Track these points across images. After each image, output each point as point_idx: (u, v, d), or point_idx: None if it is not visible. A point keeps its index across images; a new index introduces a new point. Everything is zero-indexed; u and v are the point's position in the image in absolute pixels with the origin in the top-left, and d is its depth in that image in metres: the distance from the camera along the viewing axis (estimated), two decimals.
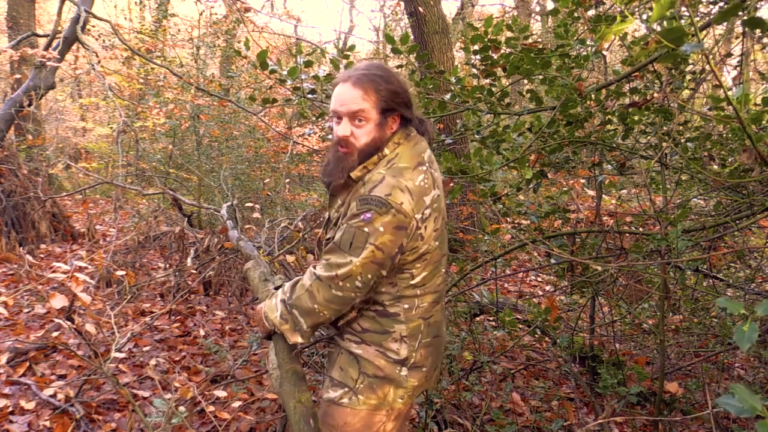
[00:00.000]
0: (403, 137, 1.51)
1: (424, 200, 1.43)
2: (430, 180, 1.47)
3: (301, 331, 1.54)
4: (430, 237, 1.46)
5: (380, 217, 1.37)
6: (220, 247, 4.49)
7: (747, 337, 0.99)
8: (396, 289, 1.50)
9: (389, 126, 1.50)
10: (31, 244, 5.51)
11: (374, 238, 1.38)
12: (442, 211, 1.53)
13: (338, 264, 1.42)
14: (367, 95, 1.45)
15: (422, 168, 1.47)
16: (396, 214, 1.37)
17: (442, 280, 1.59)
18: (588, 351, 3.15)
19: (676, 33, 1.15)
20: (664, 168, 2.49)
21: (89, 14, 5.89)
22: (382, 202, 1.37)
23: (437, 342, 1.60)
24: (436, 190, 1.49)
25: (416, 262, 1.48)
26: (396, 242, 1.39)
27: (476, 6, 13.35)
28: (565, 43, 2.32)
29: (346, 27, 22.86)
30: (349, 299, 1.45)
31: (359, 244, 1.39)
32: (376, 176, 1.43)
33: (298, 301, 1.51)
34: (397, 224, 1.38)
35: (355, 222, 1.40)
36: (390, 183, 1.40)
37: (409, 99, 1.51)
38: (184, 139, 7.54)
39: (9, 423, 2.58)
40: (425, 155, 1.52)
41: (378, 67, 1.51)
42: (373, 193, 1.39)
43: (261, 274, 2.09)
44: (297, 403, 1.48)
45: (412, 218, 1.39)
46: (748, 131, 1.38)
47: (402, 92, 1.49)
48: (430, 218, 1.45)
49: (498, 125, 2.72)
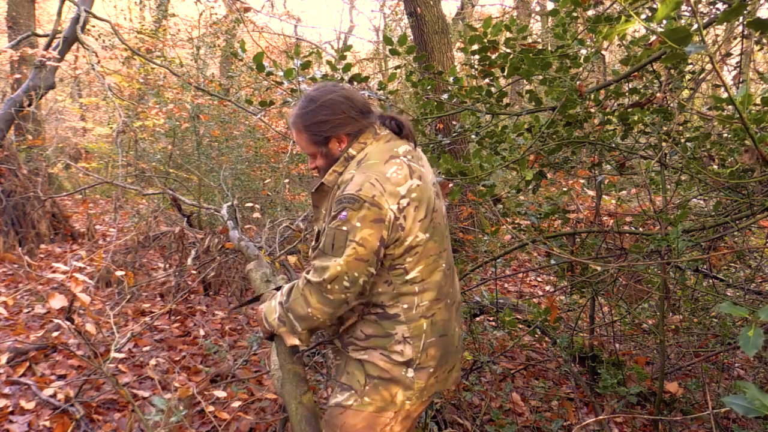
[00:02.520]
0: (370, 137, 1.54)
1: (398, 191, 1.44)
2: (405, 170, 1.48)
3: (298, 335, 1.55)
4: (413, 227, 1.46)
5: (355, 213, 1.39)
6: (220, 247, 4.49)
7: (753, 342, 0.98)
8: (392, 287, 1.50)
9: (335, 147, 1.56)
10: (31, 244, 5.51)
11: (353, 234, 1.40)
12: (428, 202, 1.51)
13: (324, 267, 1.44)
14: (299, 135, 1.57)
15: (395, 161, 1.48)
16: (370, 207, 1.39)
17: (443, 276, 1.56)
18: (588, 351, 3.15)
19: (680, 33, 1.15)
20: (663, 168, 2.49)
21: (89, 14, 5.89)
22: (354, 198, 1.40)
23: (445, 341, 1.57)
24: (415, 180, 1.48)
25: (406, 255, 1.48)
26: (376, 235, 1.41)
27: (476, 6, 13.35)
28: (565, 44, 2.32)
29: (346, 27, 22.85)
30: (341, 301, 1.46)
31: (340, 244, 1.41)
32: (347, 176, 1.48)
33: (293, 306, 1.52)
34: (373, 217, 1.40)
35: (333, 223, 1.43)
36: (359, 179, 1.43)
37: (349, 116, 1.53)
38: (184, 139, 7.53)
39: (9, 423, 2.58)
40: (400, 150, 1.53)
41: (305, 102, 1.56)
42: (345, 192, 1.42)
43: (263, 275, 2.09)
44: (298, 403, 1.48)
45: (387, 209, 1.41)
46: (751, 132, 1.38)
47: (331, 118, 1.52)
48: (409, 207, 1.45)
49: (496, 126, 2.72)
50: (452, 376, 1.64)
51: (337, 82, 1.60)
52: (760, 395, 0.93)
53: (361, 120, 1.54)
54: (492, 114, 2.61)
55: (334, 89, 1.56)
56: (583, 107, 2.38)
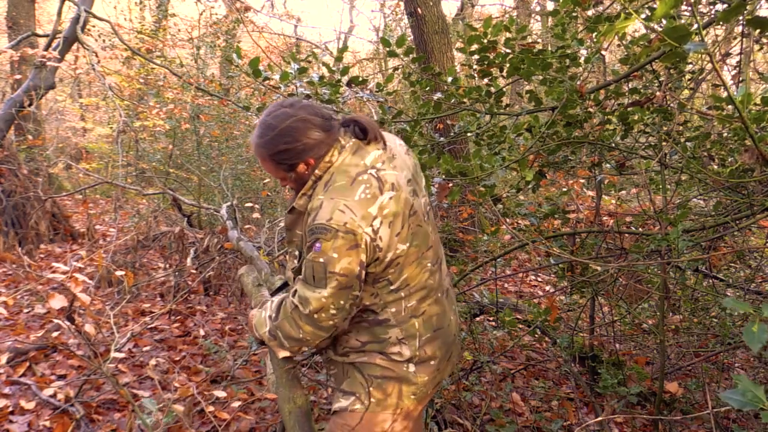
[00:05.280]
0: (336, 153, 1.48)
1: (370, 212, 1.39)
2: (374, 187, 1.42)
3: (288, 349, 1.57)
4: (392, 243, 1.43)
5: (329, 243, 1.36)
6: (219, 247, 4.49)
7: (758, 338, 0.98)
8: (379, 298, 1.50)
9: (303, 170, 1.50)
10: (31, 244, 5.51)
11: (332, 266, 1.37)
12: (404, 210, 1.46)
13: (308, 299, 1.42)
14: (265, 165, 1.53)
15: (362, 178, 1.42)
16: (344, 235, 1.36)
17: (430, 273, 1.55)
18: (588, 351, 3.14)
19: (680, 31, 1.15)
20: (663, 168, 2.49)
21: (89, 14, 5.89)
22: (326, 228, 1.36)
23: (441, 334, 1.57)
24: (386, 194, 1.43)
25: (388, 269, 1.46)
26: (355, 261, 1.38)
27: (476, 6, 13.35)
28: (565, 44, 2.32)
29: (346, 27, 22.85)
30: (330, 327, 1.46)
31: (321, 276, 1.39)
32: (315, 203, 1.42)
33: (282, 327, 1.52)
34: (349, 245, 1.36)
35: (311, 255, 1.40)
36: (328, 207, 1.38)
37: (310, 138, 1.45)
38: (184, 139, 7.54)
39: (9, 423, 2.58)
40: (367, 160, 1.47)
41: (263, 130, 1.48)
42: (316, 222, 1.39)
43: (254, 279, 2.09)
44: (292, 407, 1.48)
45: (361, 234, 1.37)
46: (751, 131, 1.38)
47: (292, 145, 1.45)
48: (383, 227, 1.40)
49: (495, 126, 2.71)
50: (451, 363, 1.65)
51: (295, 100, 1.52)
52: (753, 387, 0.93)
53: (325, 139, 1.47)
54: (491, 114, 2.60)
55: (290, 113, 1.47)
56: (583, 107, 2.38)
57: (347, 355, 1.57)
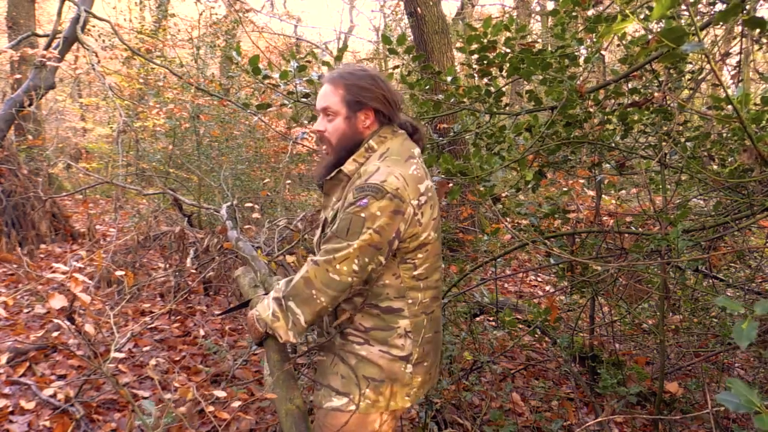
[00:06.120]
0: (389, 132, 1.58)
1: (419, 187, 1.48)
2: (422, 171, 1.53)
3: (296, 326, 1.51)
4: (428, 225, 1.51)
5: (377, 202, 1.41)
6: (219, 247, 4.49)
7: (746, 334, 0.99)
8: (399, 280, 1.52)
9: (360, 120, 1.56)
10: (31, 244, 5.51)
11: (371, 222, 1.41)
12: (436, 203, 1.58)
13: (335, 248, 1.45)
14: (336, 90, 1.55)
15: (413, 160, 1.53)
16: (392, 198, 1.42)
17: (440, 276, 1.64)
18: (588, 351, 3.14)
19: (676, 32, 1.15)
20: (663, 168, 2.49)
21: (89, 14, 5.89)
22: (378, 188, 1.42)
23: (437, 338, 1.64)
24: (429, 181, 1.55)
25: (417, 251, 1.51)
26: (393, 226, 1.43)
27: (476, 6, 13.35)
28: (565, 44, 2.32)
29: (346, 27, 22.86)
30: (346, 284, 1.45)
31: (356, 229, 1.42)
32: (371, 168, 1.49)
33: (295, 290, 1.50)
34: (394, 209, 1.42)
35: (352, 209, 1.43)
36: (385, 171, 1.45)
37: (386, 98, 1.56)
38: (184, 139, 7.54)
39: (9, 423, 2.58)
40: (415, 151, 1.58)
41: (358, 68, 1.58)
42: (369, 181, 1.44)
43: (251, 280, 2.07)
44: (288, 408, 1.48)
45: (408, 203, 1.44)
46: (749, 131, 1.38)
47: (374, 89, 1.54)
48: (426, 205, 1.50)
49: (495, 126, 2.71)
50: (437, 370, 1.71)
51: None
52: (746, 391, 0.94)
53: (391, 111, 1.58)
54: (490, 114, 2.60)
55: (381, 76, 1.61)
56: (583, 107, 2.38)
57: (346, 337, 1.56)
